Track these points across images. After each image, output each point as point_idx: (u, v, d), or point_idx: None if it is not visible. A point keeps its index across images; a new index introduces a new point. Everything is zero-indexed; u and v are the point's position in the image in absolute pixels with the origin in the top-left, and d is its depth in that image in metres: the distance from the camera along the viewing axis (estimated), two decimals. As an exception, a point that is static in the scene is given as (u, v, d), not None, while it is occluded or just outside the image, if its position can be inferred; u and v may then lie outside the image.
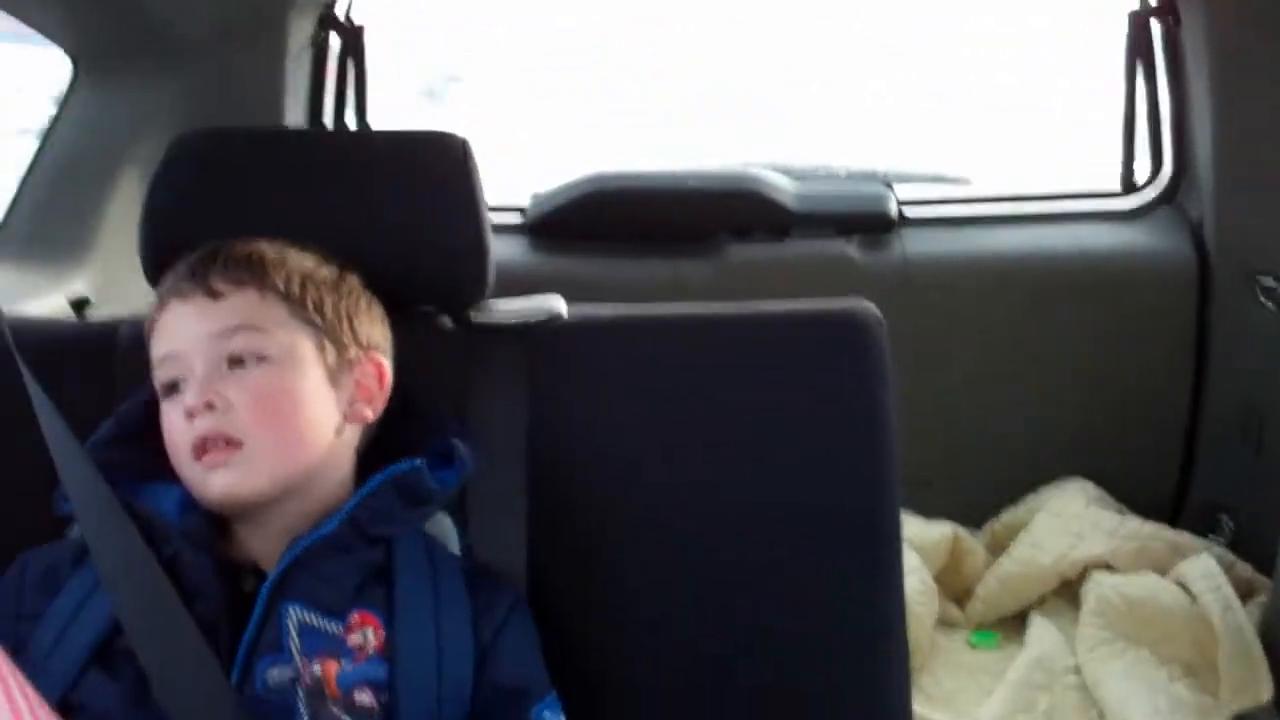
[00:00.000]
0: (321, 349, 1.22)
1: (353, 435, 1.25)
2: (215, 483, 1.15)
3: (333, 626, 1.14)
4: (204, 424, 1.15)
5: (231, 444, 1.15)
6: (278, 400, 1.17)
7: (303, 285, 1.23)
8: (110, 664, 1.12)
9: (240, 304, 1.20)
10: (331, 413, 1.21)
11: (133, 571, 1.12)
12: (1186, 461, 2.72)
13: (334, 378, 1.22)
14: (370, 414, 1.25)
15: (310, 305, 1.22)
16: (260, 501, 1.17)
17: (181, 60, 2.20)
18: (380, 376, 1.26)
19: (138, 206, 1.43)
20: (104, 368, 1.37)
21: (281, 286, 1.22)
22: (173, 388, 1.19)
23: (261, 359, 1.18)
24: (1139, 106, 2.78)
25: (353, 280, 1.28)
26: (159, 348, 1.21)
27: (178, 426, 1.17)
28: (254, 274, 1.21)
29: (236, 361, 1.17)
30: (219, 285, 1.20)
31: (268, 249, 1.24)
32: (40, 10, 2.00)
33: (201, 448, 1.15)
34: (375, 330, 1.28)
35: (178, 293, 1.21)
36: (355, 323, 1.25)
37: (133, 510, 1.16)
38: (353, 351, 1.24)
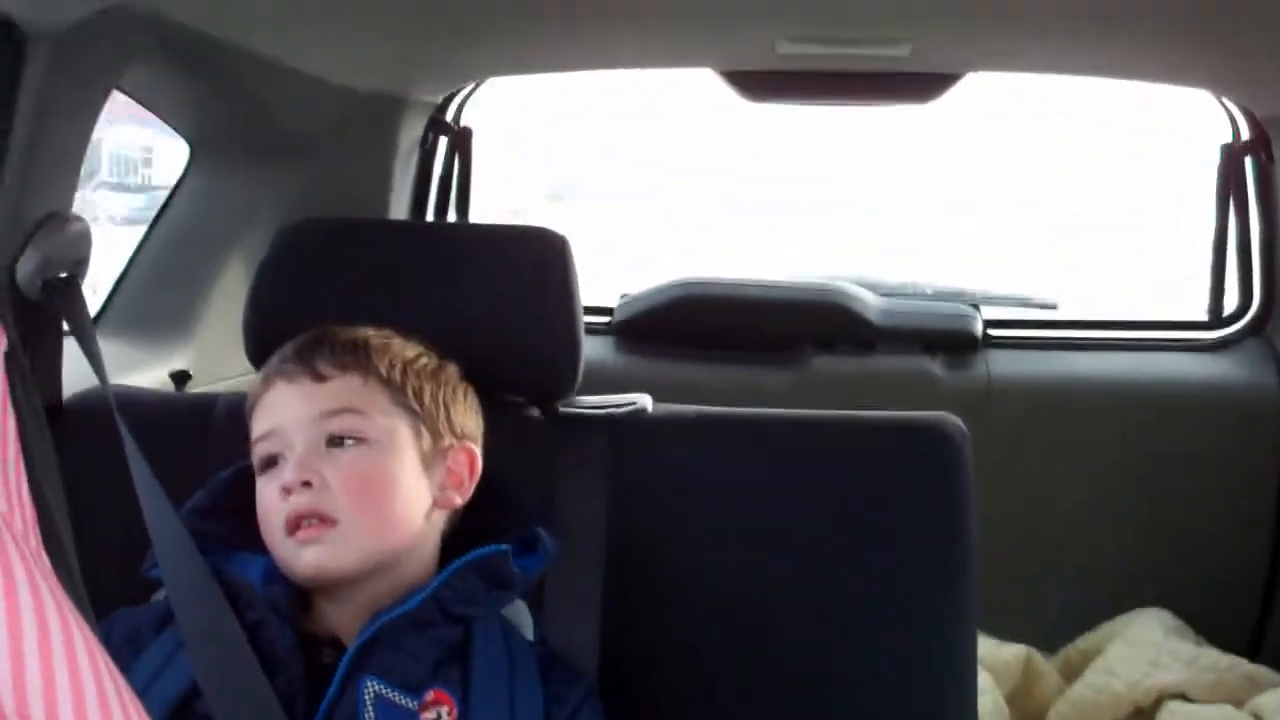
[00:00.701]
0: (418, 435, 1.25)
1: (440, 519, 1.27)
2: (306, 558, 1.18)
3: (408, 702, 1.15)
4: (300, 500, 1.19)
5: (326, 522, 1.18)
6: (373, 482, 1.21)
7: (404, 373, 1.27)
8: None
9: (343, 388, 1.24)
10: (423, 497, 1.25)
11: (216, 637, 1.15)
12: (1268, 596, 2.67)
13: (427, 464, 1.25)
14: (459, 500, 1.28)
15: (410, 393, 1.26)
16: (348, 578, 1.20)
17: (294, 153, 2.27)
18: (471, 465, 1.29)
19: (242, 289, 1.48)
20: (200, 438, 1.42)
21: (384, 373, 1.26)
22: (271, 463, 1.23)
23: (360, 441, 1.22)
24: (1229, 238, 2.78)
25: (451, 370, 1.32)
26: (261, 424, 1.25)
27: (273, 502, 1.21)
28: (358, 360, 1.26)
29: (335, 442, 1.21)
30: (324, 369, 1.25)
31: (373, 336, 1.29)
32: (164, 98, 2.09)
33: (295, 524, 1.19)
34: (470, 420, 1.32)
35: (284, 373, 1.26)
36: (451, 412, 1.29)
37: (219, 578, 1.19)
38: (447, 440, 1.28)
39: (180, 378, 2.02)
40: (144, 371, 2.00)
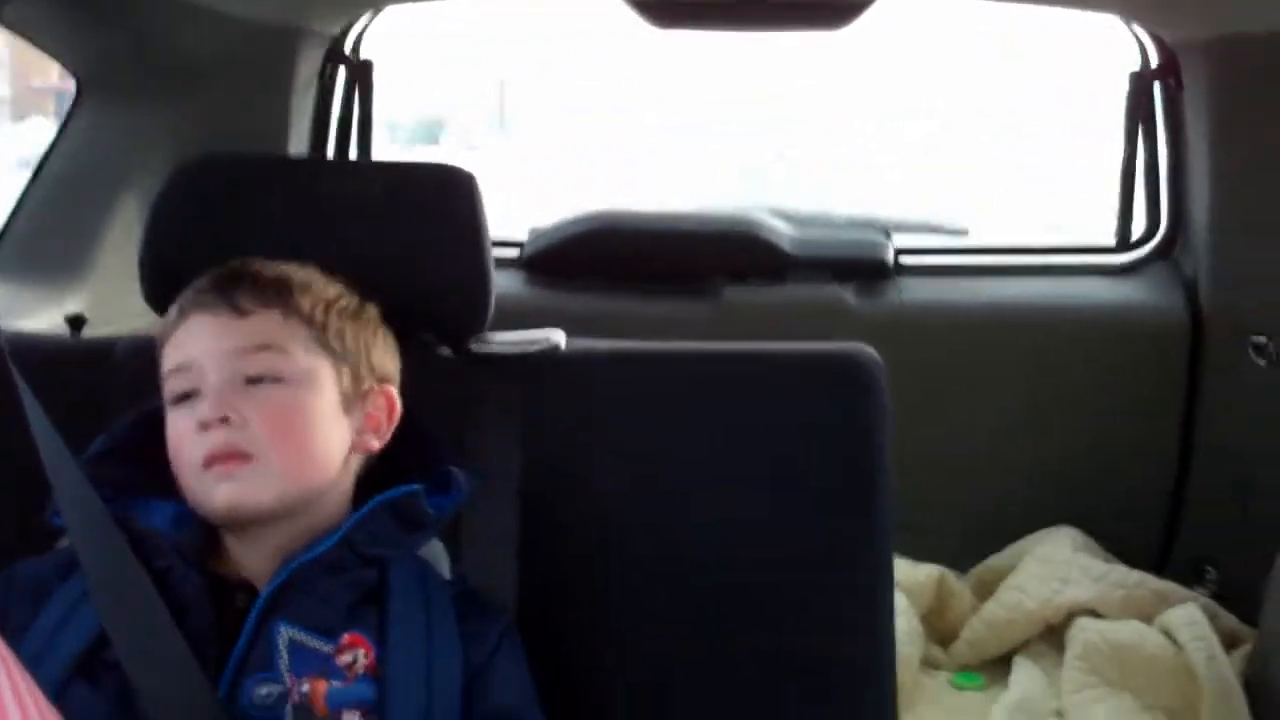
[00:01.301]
0: (338, 376, 1.23)
1: (356, 463, 1.25)
2: (222, 493, 1.15)
3: (323, 646, 1.14)
4: (217, 437, 1.15)
5: (243, 458, 1.15)
6: (292, 420, 1.18)
7: (325, 312, 1.24)
8: (94, 675, 1.12)
9: (264, 324, 1.21)
10: (343, 439, 1.22)
11: (122, 584, 1.12)
12: (1174, 513, 2.73)
13: (348, 406, 1.23)
14: (376, 444, 1.26)
15: (331, 332, 1.23)
16: (263, 517, 1.17)
17: (187, 86, 2.21)
18: (390, 409, 1.27)
19: (137, 228, 1.44)
20: (99, 384, 1.38)
21: (306, 311, 1.23)
22: (185, 397, 1.19)
23: (278, 379, 1.19)
24: (1137, 163, 2.80)
25: (372, 311, 1.29)
26: (174, 357, 1.21)
27: (188, 436, 1.17)
28: (280, 296, 1.22)
29: (254, 380, 1.18)
30: (245, 304, 1.21)
31: (295, 273, 1.26)
32: (46, 30, 2.01)
33: (212, 459, 1.15)
34: (389, 362, 1.29)
35: (202, 305, 1.22)
36: (372, 354, 1.27)
37: (125, 525, 1.16)
38: (367, 383, 1.25)
39: (76, 321, 1.96)
40: (38, 316, 1.95)
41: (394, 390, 1.28)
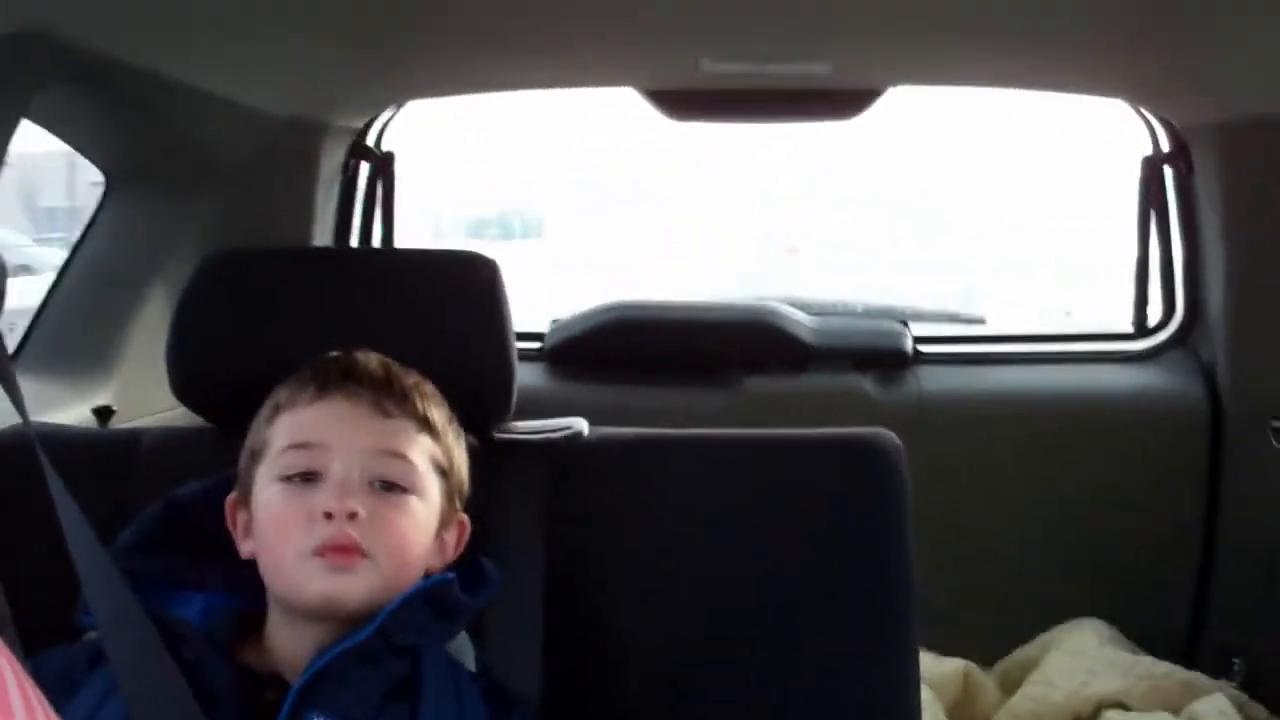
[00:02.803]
0: (443, 495, 1.24)
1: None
2: (324, 583, 1.15)
3: None
4: (339, 530, 1.15)
5: (359, 555, 1.15)
6: (407, 530, 1.19)
7: (444, 430, 1.25)
8: None
9: (402, 431, 1.21)
10: (427, 557, 1.23)
11: (151, 675, 1.11)
12: (1200, 603, 2.70)
13: (440, 525, 1.24)
14: (438, 565, 1.25)
15: (447, 451, 1.25)
16: (342, 616, 1.16)
17: (213, 181, 2.24)
18: (460, 536, 1.27)
19: (164, 321, 1.45)
20: (125, 475, 1.39)
21: (436, 425, 1.24)
22: (302, 477, 1.19)
23: (406, 490, 1.20)
24: (1152, 250, 2.81)
25: (461, 433, 1.30)
26: (301, 433, 1.21)
27: (300, 519, 1.16)
28: (419, 405, 1.24)
29: (386, 485, 1.19)
30: (390, 406, 1.22)
31: (423, 382, 1.27)
32: (73, 125, 2.04)
33: (328, 550, 1.15)
34: (466, 485, 1.30)
35: (349, 393, 1.22)
36: (464, 478, 1.28)
37: (154, 616, 1.15)
38: (458, 510, 1.27)
39: (103, 413, 1.98)
40: (66, 408, 1.96)
41: (467, 520, 1.28)
